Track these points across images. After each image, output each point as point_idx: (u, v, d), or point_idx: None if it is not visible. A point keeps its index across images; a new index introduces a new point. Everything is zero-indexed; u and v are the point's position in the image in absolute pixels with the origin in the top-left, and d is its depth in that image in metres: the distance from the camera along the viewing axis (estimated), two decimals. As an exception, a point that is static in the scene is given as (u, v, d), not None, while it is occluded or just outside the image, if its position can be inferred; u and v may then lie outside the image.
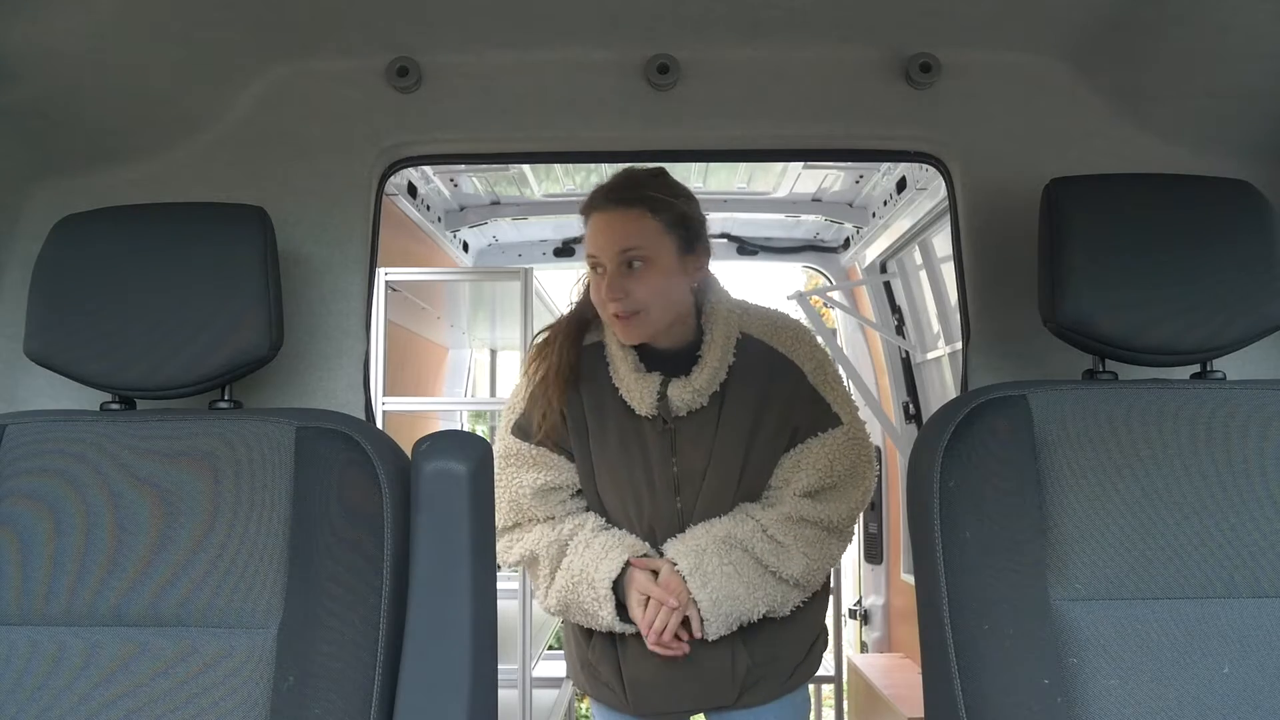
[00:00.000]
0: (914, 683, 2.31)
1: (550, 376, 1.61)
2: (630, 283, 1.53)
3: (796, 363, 1.61)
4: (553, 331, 1.68)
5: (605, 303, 1.55)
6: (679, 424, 1.59)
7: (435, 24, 1.50)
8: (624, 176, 1.61)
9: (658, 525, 1.61)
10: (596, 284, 1.57)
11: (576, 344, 1.64)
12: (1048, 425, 1.25)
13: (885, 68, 1.57)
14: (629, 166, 1.64)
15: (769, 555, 1.56)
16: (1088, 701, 1.15)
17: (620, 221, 1.54)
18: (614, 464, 1.61)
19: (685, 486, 1.60)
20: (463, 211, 3.18)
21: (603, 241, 1.55)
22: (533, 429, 1.63)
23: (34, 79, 1.34)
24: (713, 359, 1.58)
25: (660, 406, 1.58)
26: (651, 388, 1.57)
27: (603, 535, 1.59)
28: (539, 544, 1.61)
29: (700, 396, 1.58)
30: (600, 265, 1.56)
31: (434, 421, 3.60)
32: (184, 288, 1.28)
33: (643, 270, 1.54)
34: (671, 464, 1.59)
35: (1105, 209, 1.32)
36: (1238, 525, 1.22)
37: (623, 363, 1.60)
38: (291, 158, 1.57)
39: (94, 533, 1.21)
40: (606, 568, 1.55)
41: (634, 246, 1.54)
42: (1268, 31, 1.33)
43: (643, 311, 1.54)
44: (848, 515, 1.61)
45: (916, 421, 3.42)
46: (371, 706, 1.12)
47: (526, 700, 2.74)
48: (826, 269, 3.61)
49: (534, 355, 1.67)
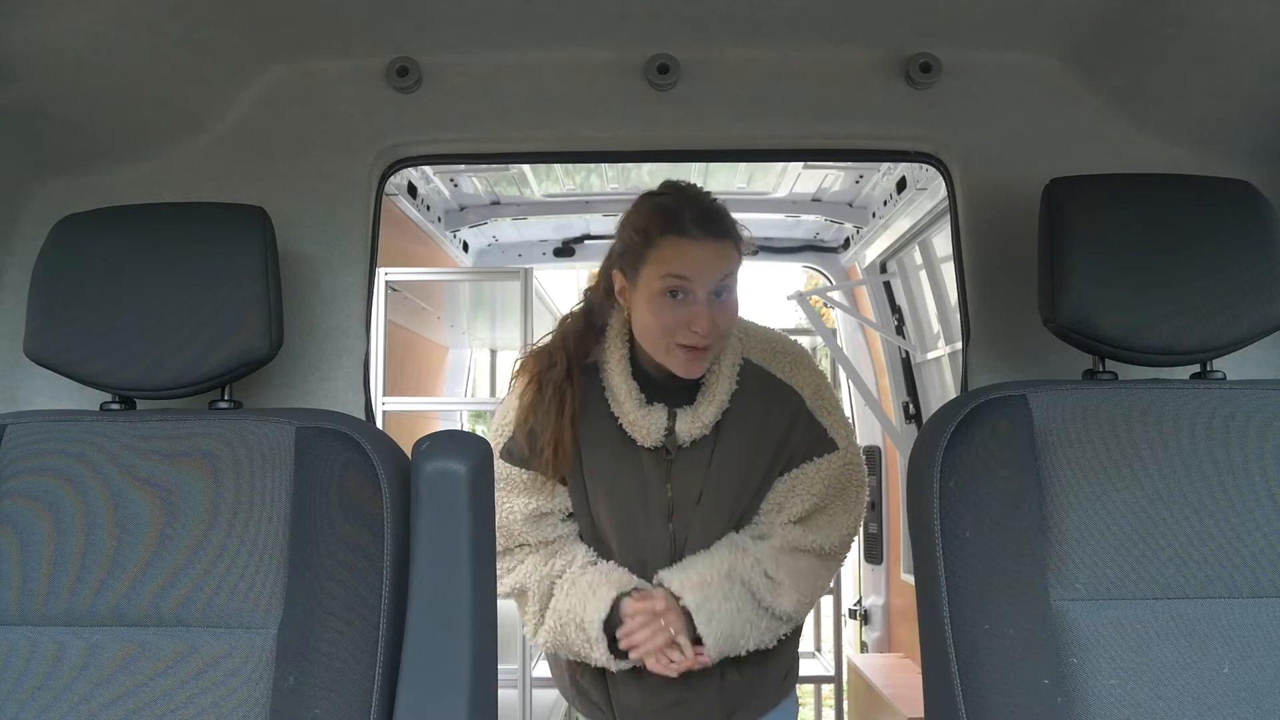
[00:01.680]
0: (914, 683, 2.31)
1: (566, 422, 1.53)
2: (717, 312, 1.48)
3: (795, 388, 1.58)
4: (557, 364, 1.57)
5: (679, 331, 1.47)
6: (678, 453, 1.56)
7: (435, 24, 1.50)
8: (706, 203, 1.51)
9: (648, 553, 1.57)
10: (670, 309, 1.47)
11: (583, 379, 1.57)
12: (1048, 425, 1.25)
13: (885, 68, 1.57)
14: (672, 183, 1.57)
15: (764, 592, 1.52)
16: (1088, 701, 1.15)
17: (722, 250, 1.49)
18: (609, 491, 1.57)
19: (678, 512, 1.56)
20: (463, 211, 3.17)
21: (703, 269, 1.47)
22: (532, 457, 1.56)
23: (34, 79, 1.34)
24: (720, 390, 1.54)
25: (667, 439, 1.54)
26: (659, 422, 1.53)
27: (589, 572, 1.54)
28: (529, 578, 1.57)
29: (706, 428, 1.54)
30: (688, 291, 1.47)
31: (434, 421, 3.60)
32: (184, 288, 1.28)
33: (728, 299, 1.50)
34: (666, 489, 1.56)
35: (1105, 209, 1.32)
36: (1238, 525, 1.22)
37: (626, 395, 1.54)
38: (291, 158, 1.57)
39: (94, 533, 1.21)
40: (596, 607, 1.50)
41: (729, 274, 1.49)
42: (1268, 31, 1.33)
43: (717, 343, 1.50)
44: (841, 542, 1.58)
45: (916, 421, 3.42)
46: (371, 706, 1.12)
47: (526, 700, 2.74)
48: (826, 269, 3.61)
49: (533, 385, 1.58)
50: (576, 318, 1.62)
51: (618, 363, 1.56)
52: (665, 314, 1.48)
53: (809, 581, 1.56)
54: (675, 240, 1.47)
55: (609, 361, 1.56)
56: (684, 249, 1.47)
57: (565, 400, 1.54)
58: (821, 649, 3.85)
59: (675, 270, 1.47)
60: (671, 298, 1.47)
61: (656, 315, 1.49)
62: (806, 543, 1.55)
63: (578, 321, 1.61)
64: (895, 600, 3.71)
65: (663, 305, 1.48)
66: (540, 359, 1.59)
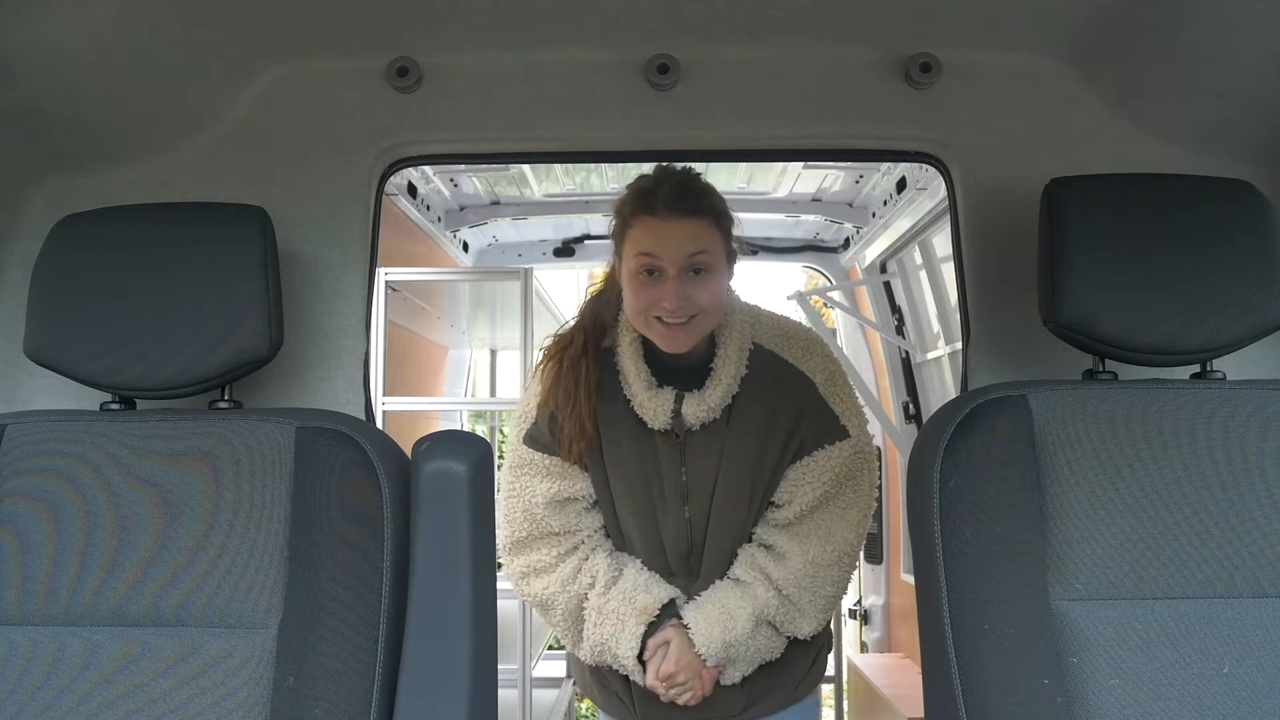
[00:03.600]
0: (914, 683, 2.31)
1: (582, 396, 1.56)
2: (692, 288, 1.50)
3: (808, 374, 1.59)
4: (575, 341, 1.61)
5: (654, 307, 1.51)
6: (689, 436, 1.57)
7: (435, 24, 1.50)
8: (680, 182, 1.54)
9: (668, 540, 1.59)
10: (644, 287, 1.51)
11: (600, 356, 1.60)
12: (1048, 425, 1.25)
13: (885, 68, 1.57)
14: (663, 166, 1.59)
15: (787, 624, 1.57)
16: (1088, 701, 1.15)
17: (690, 227, 1.50)
18: (628, 475, 1.58)
19: (694, 497, 1.58)
20: (463, 211, 3.18)
21: (670, 246, 1.49)
22: (554, 441, 1.59)
23: (34, 79, 1.34)
24: (727, 374, 1.55)
25: (674, 422, 1.56)
26: (666, 404, 1.55)
27: (613, 596, 1.56)
28: (554, 594, 1.59)
29: (713, 412, 1.55)
30: (659, 269, 1.50)
31: (434, 421, 3.60)
32: (184, 288, 1.28)
33: (705, 276, 1.51)
34: (681, 474, 1.57)
35: (1105, 209, 1.32)
36: (1238, 525, 1.22)
37: (635, 377, 1.57)
38: (291, 158, 1.57)
39: (94, 533, 1.21)
40: (627, 645, 1.55)
41: (702, 251, 1.50)
42: (1268, 31, 1.33)
43: (698, 317, 1.51)
44: (855, 538, 1.59)
45: (916, 421, 3.42)
46: (371, 706, 1.12)
47: (526, 700, 2.74)
48: (826, 269, 3.61)
49: (553, 364, 1.61)
50: (595, 300, 1.66)
51: (629, 345, 1.59)
52: (641, 292, 1.52)
53: (828, 594, 1.58)
54: (646, 220, 1.51)
55: (621, 344, 1.60)
56: (652, 228, 1.50)
57: (581, 375, 1.57)
58: (821, 649, 3.85)
59: (644, 249, 1.50)
60: (647, 276, 1.51)
61: (634, 294, 1.53)
62: (825, 555, 1.56)
63: (596, 304, 1.64)
64: (895, 600, 3.71)
65: (639, 284, 1.52)
66: (560, 341, 1.63)
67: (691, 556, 1.61)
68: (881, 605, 3.78)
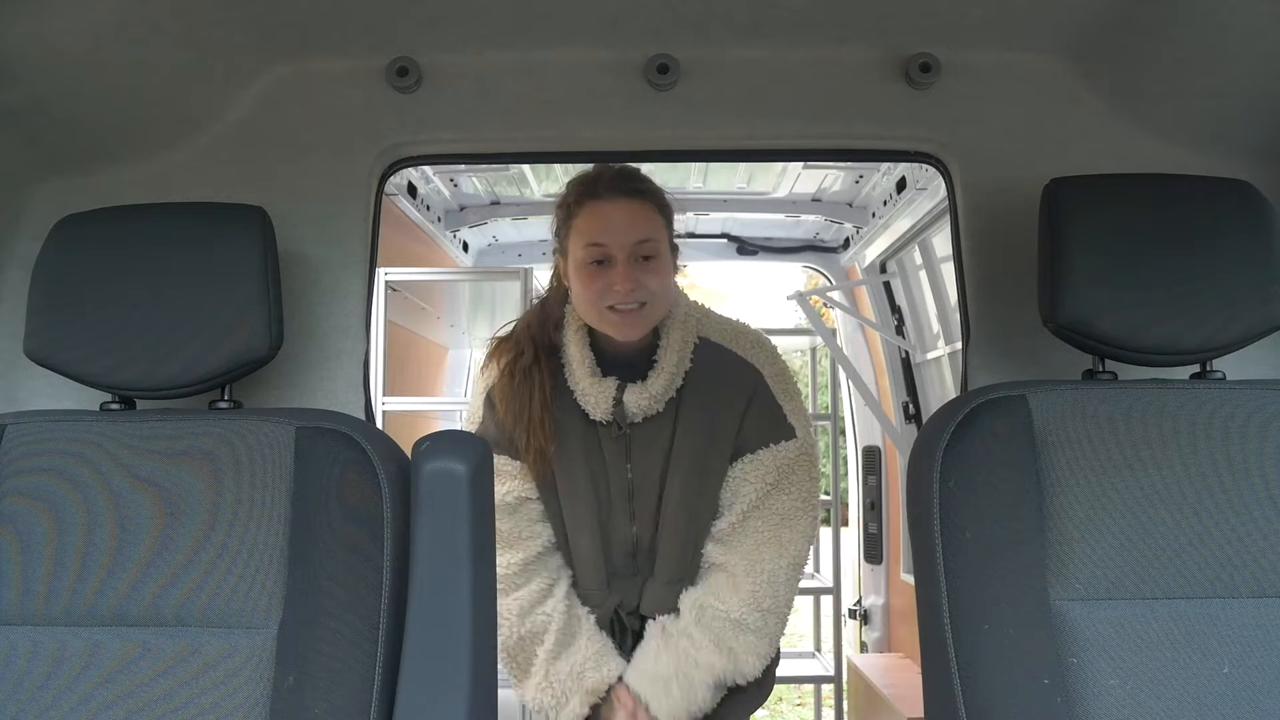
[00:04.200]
0: (914, 683, 2.31)
1: (538, 400, 1.55)
2: (642, 274, 1.51)
3: (757, 366, 1.59)
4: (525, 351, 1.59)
5: (606, 295, 1.50)
6: (634, 430, 1.56)
7: (435, 24, 1.50)
8: (619, 169, 1.58)
9: (614, 536, 1.58)
10: (594, 276, 1.51)
11: (552, 365, 1.59)
12: (1048, 425, 1.25)
13: (885, 68, 1.57)
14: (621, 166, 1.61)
15: (731, 674, 1.56)
16: (1088, 701, 1.15)
17: (637, 211, 1.52)
18: (573, 473, 1.57)
19: (640, 495, 1.57)
20: (463, 211, 3.18)
21: (618, 231, 1.50)
22: (502, 437, 1.57)
23: (34, 79, 1.34)
24: (669, 364, 1.55)
25: (615, 412, 1.55)
26: (607, 393, 1.54)
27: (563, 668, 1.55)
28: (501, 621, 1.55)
29: (656, 402, 1.55)
30: (608, 257, 1.51)
31: (434, 421, 3.59)
32: (184, 287, 1.28)
33: (654, 264, 1.52)
34: (626, 470, 1.57)
35: (1105, 209, 1.32)
36: (1238, 525, 1.22)
37: (580, 366, 1.56)
38: (291, 158, 1.57)
39: (94, 533, 1.21)
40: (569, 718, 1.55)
41: (649, 238, 1.52)
42: (1268, 31, 1.33)
43: (649, 303, 1.52)
44: (806, 546, 1.58)
45: (916, 421, 3.42)
46: (371, 706, 1.12)
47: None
48: (826, 269, 3.61)
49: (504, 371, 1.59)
50: (537, 307, 1.66)
51: (574, 333, 1.59)
52: (592, 282, 1.52)
53: (782, 611, 1.57)
54: (592, 205, 1.53)
55: (567, 334, 1.60)
56: (599, 212, 1.52)
57: (535, 384, 1.57)
58: (821, 649, 3.85)
59: (592, 239, 1.52)
60: (596, 266, 1.52)
61: (585, 285, 1.53)
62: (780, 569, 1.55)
63: (539, 309, 1.65)
64: (895, 600, 3.71)
65: (588, 275, 1.53)
66: (507, 349, 1.62)
67: (638, 556, 1.60)
68: (881, 605, 3.77)
